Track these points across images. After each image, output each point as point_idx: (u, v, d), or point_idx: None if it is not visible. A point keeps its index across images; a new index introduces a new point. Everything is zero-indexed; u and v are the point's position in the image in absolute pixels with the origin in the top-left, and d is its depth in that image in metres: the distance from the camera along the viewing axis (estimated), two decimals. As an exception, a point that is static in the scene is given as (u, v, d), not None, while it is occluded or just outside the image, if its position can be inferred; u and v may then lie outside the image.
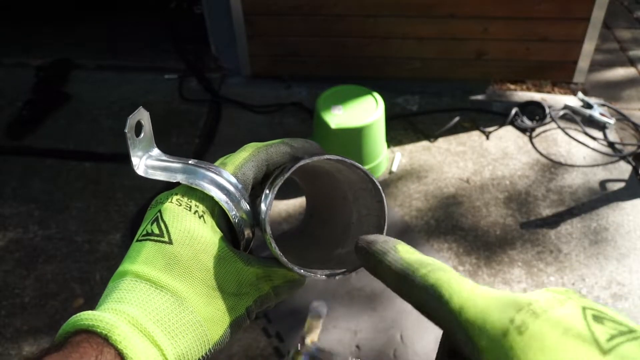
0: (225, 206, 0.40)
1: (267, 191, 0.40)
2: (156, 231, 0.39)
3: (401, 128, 2.66)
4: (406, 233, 2.14)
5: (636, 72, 3.15)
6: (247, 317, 0.40)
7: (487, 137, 2.62)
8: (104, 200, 2.31)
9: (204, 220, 0.40)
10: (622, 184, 2.37)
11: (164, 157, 0.42)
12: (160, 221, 0.40)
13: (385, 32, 2.84)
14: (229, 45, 2.96)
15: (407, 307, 1.69)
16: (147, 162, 0.42)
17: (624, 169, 2.43)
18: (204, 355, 0.37)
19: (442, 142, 2.59)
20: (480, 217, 2.22)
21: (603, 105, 2.77)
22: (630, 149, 2.53)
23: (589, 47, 2.78)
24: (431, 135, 2.61)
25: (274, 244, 0.39)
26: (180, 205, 0.40)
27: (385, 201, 0.42)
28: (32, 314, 1.90)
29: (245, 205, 0.41)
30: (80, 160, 2.53)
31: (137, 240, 0.40)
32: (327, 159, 0.40)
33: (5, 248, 2.13)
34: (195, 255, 0.38)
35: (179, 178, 0.40)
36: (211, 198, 0.40)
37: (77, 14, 3.70)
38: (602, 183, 2.37)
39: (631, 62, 3.23)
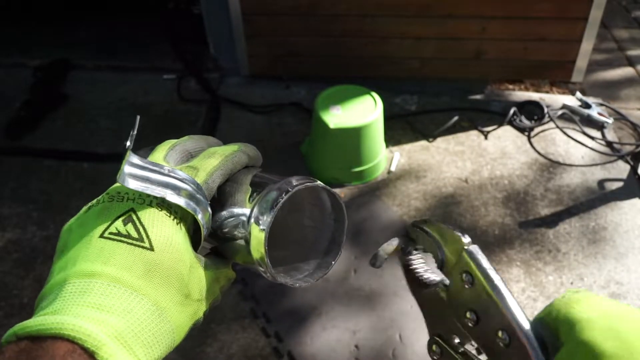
0: (201, 222, 0.40)
1: (263, 215, 0.40)
2: (133, 234, 0.38)
3: (400, 128, 2.66)
4: (405, 233, 2.14)
5: (634, 71, 3.16)
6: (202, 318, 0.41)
7: (486, 137, 2.62)
8: (103, 201, 2.30)
9: (180, 227, 0.40)
10: (620, 184, 2.37)
11: (141, 163, 0.40)
12: (138, 224, 0.38)
13: (384, 32, 2.84)
14: (227, 45, 2.96)
15: (406, 307, 1.71)
16: (127, 169, 0.39)
17: (622, 169, 2.44)
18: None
19: (440, 142, 2.60)
20: (478, 216, 2.22)
21: (601, 104, 2.78)
22: (628, 148, 2.53)
23: (587, 46, 2.78)
24: (430, 135, 2.62)
25: (271, 269, 0.40)
26: (161, 210, 0.39)
27: (345, 226, 0.43)
28: (31, 315, 1.89)
29: (210, 215, 0.42)
30: (79, 161, 2.53)
31: (103, 238, 0.38)
32: (321, 187, 0.41)
33: (3, 248, 2.13)
34: (174, 264, 0.38)
35: (163, 194, 0.39)
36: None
37: (75, 14, 3.70)
38: (601, 182, 2.37)
39: (629, 62, 3.23)
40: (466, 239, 0.35)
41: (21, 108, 2.83)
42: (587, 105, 2.71)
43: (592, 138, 2.58)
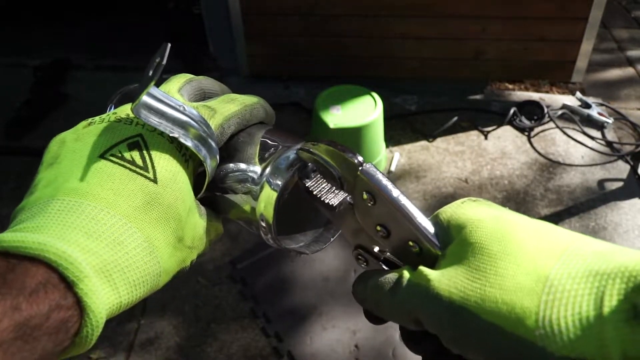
0: (207, 169, 0.38)
1: (276, 175, 0.38)
2: (138, 161, 0.35)
3: (400, 128, 2.66)
4: (405, 233, 2.14)
5: (634, 71, 3.16)
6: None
7: (486, 137, 2.62)
8: (103, 201, 2.31)
9: (187, 166, 0.37)
10: (620, 184, 2.37)
11: (160, 97, 0.37)
12: (145, 152, 0.35)
13: (384, 32, 2.84)
14: (227, 45, 2.96)
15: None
16: (145, 99, 0.35)
17: (622, 169, 2.44)
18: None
19: (440, 142, 2.60)
20: (478, 216, 2.22)
21: (601, 104, 2.78)
22: (628, 148, 2.53)
23: (587, 46, 2.78)
24: (430, 135, 2.62)
25: (275, 233, 0.39)
26: (172, 142, 0.37)
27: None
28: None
29: (217, 163, 0.40)
30: (79, 161, 2.53)
31: (103, 158, 0.34)
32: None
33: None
34: (175, 202, 0.35)
35: (176, 133, 0.36)
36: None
37: (76, 14, 3.70)
38: (600, 182, 2.37)
39: (629, 62, 3.23)
40: (358, 159, 0.36)
41: (21, 108, 2.83)
42: (587, 105, 2.72)
43: (592, 138, 2.58)
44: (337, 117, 2.24)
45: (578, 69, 2.88)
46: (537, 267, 0.28)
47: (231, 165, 0.41)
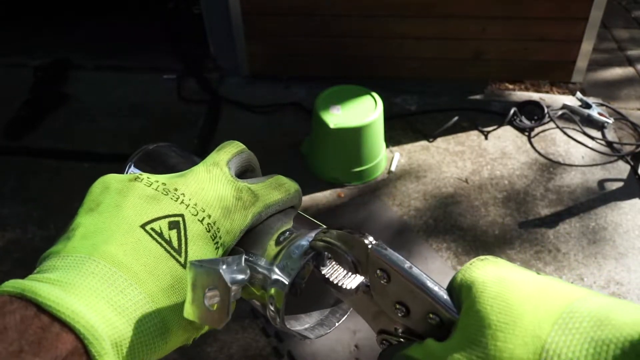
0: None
1: (284, 273, 0.39)
2: (174, 243, 0.36)
3: (400, 128, 2.66)
4: (405, 233, 2.14)
5: (634, 71, 3.16)
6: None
7: (486, 137, 2.62)
8: (103, 201, 2.31)
9: (216, 253, 0.38)
10: (620, 184, 2.37)
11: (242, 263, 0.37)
12: (182, 234, 0.36)
13: (384, 32, 2.84)
14: (227, 45, 2.96)
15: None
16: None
17: (622, 169, 2.44)
18: None
19: (440, 142, 2.60)
20: (478, 216, 2.22)
21: (601, 104, 2.78)
22: (628, 148, 2.53)
23: (587, 46, 2.78)
24: (430, 135, 2.62)
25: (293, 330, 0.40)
26: (209, 231, 0.38)
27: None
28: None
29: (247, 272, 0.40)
30: (79, 161, 2.53)
31: (144, 230, 0.35)
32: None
33: (4, 248, 2.13)
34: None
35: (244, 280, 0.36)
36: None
37: (76, 14, 3.70)
38: (601, 182, 2.37)
39: (629, 62, 3.23)
40: (368, 239, 0.36)
41: (21, 108, 2.83)
42: (587, 105, 2.72)
43: (592, 138, 2.58)
44: (337, 117, 2.24)
45: (578, 69, 2.88)
46: (534, 336, 0.28)
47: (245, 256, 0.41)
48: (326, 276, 0.38)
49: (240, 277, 0.36)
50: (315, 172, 2.40)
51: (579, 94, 2.81)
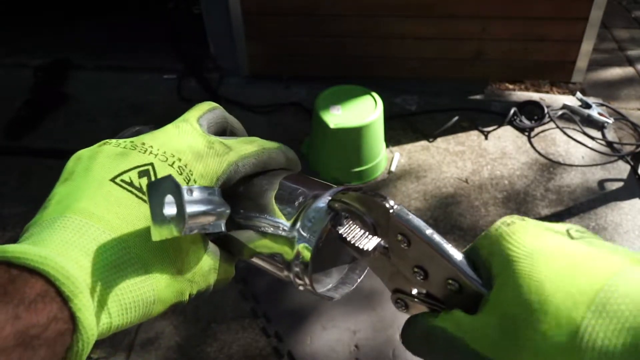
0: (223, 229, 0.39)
1: (308, 231, 0.38)
2: (145, 189, 0.35)
3: (400, 128, 2.66)
4: (405, 233, 2.14)
5: (634, 71, 3.16)
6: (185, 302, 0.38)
7: (486, 137, 2.62)
8: (103, 201, 2.31)
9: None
10: (620, 184, 2.37)
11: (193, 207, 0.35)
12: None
13: (384, 32, 2.84)
14: (227, 45, 2.96)
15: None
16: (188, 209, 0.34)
17: (622, 169, 2.44)
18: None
19: (440, 142, 2.60)
20: (479, 216, 2.22)
21: (601, 104, 2.78)
22: (628, 148, 2.53)
23: (587, 46, 2.78)
24: (430, 135, 2.62)
25: (317, 288, 0.39)
26: (181, 174, 0.37)
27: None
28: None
29: (228, 213, 0.40)
30: (79, 161, 2.53)
31: (114, 182, 0.35)
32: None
33: (4, 248, 2.13)
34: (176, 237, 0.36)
35: (188, 231, 0.34)
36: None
37: (76, 14, 3.70)
38: (601, 183, 2.37)
39: (629, 62, 3.23)
40: (389, 203, 0.36)
41: (22, 108, 2.83)
42: (588, 106, 2.71)
43: (593, 138, 2.58)
44: (338, 117, 2.24)
45: (578, 69, 2.88)
46: (568, 317, 0.27)
47: (251, 214, 0.41)
48: (343, 236, 0.37)
49: (205, 198, 0.36)
50: (316, 173, 2.40)
51: (579, 94, 2.81)
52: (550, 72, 2.94)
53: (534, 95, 2.87)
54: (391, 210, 0.36)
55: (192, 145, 0.40)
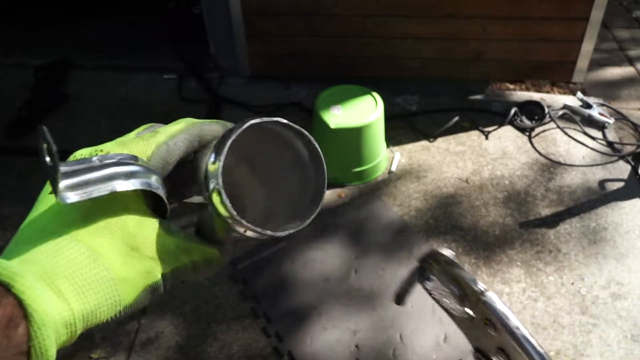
0: (153, 190, 0.38)
1: (218, 147, 0.37)
2: None
3: (400, 128, 2.66)
4: (405, 233, 2.14)
5: (635, 71, 3.16)
6: (163, 285, 0.38)
7: (486, 137, 2.62)
8: (103, 201, 2.31)
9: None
10: (621, 184, 2.37)
11: (70, 169, 0.35)
12: None
13: (385, 32, 2.84)
14: (228, 45, 2.96)
15: (406, 307, 1.70)
16: (62, 185, 0.34)
17: (622, 169, 2.43)
18: (113, 316, 0.35)
19: (441, 142, 2.60)
20: (479, 216, 2.22)
21: (602, 104, 2.78)
22: (629, 148, 2.53)
23: (588, 46, 2.78)
24: (430, 135, 2.62)
25: (224, 197, 0.36)
26: None
27: (325, 170, 0.41)
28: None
29: (158, 179, 0.39)
30: (80, 161, 2.53)
31: (50, 194, 0.37)
32: (276, 121, 0.39)
33: (4, 248, 2.12)
34: (116, 212, 0.37)
35: (110, 188, 0.35)
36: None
37: (76, 14, 3.70)
38: (601, 183, 2.37)
39: (630, 62, 3.23)
40: (479, 287, 0.37)
41: (22, 108, 2.83)
42: (588, 106, 2.71)
43: (593, 138, 2.58)
44: (338, 117, 2.24)
45: (579, 69, 2.87)
46: None
47: (193, 187, 0.41)
48: (431, 293, 0.40)
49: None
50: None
51: (579, 94, 2.81)
52: (551, 72, 2.94)
53: (535, 95, 2.86)
54: (482, 297, 0.37)
55: (119, 140, 0.41)
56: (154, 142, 0.40)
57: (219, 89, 2.95)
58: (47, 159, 0.33)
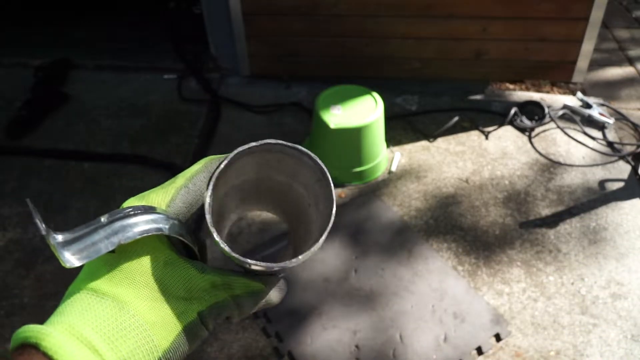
0: (168, 233, 0.38)
1: (207, 186, 0.38)
2: None
3: (400, 128, 2.66)
4: (405, 233, 2.14)
5: (635, 71, 3.16)
6: (203, 325, 0.38)
7: (486, 137, 2.62)
8: (103, 201, 2.31)
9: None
10: (621, 184, 2.37)
11: (72, 237, 0.37)
12: None
13: (385, 32, 2.84)
14: (228, 45, 2.96)
15: (407, 307, 1.71)
16: (66, 254, 0.36)
17: (622, 169, 2.43)
18: None
19: (441, 142, 2.60)
20: (479, 217, 2.22)
21: (602, 104, 2.77)
22: (629, 148, 2.53)
23: (588, 46, 2.78)
24: (430, 135, 2.62)
25: (216, 236, 0.37)
26: None
27: (332, 186, 0.41)
28: (32, 314, 1.90)
29: (173, 219, 0.39)
30: (80, 161, 2.53)
31: None
32: (267, 143, 0.39)
33: (4, 248, 2.13)
34: (139, 260, 0.38)
35: (115, 242, 0.36)
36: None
37: (75, 14, 3.70)
38: (601, 183, 2.37)
39: (630, 62, 3.23)
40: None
41: (22, 108, 2.83)
42: (588, 106, 2.71)
43: (593, 138, 2.58)
44: (338, 117, 2.24)
45: (579, 69, 2.87)
46: None
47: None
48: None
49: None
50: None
51: (579, 94, 2.81)
52: (551, 72, 2.94)
53: (535, 95, 2.86)
54: None
55: (142, 193, 0.42)
56: (172, 188, 0.41)
57: (219, 89, 2.95)
58: (44, 233, 0.36)
